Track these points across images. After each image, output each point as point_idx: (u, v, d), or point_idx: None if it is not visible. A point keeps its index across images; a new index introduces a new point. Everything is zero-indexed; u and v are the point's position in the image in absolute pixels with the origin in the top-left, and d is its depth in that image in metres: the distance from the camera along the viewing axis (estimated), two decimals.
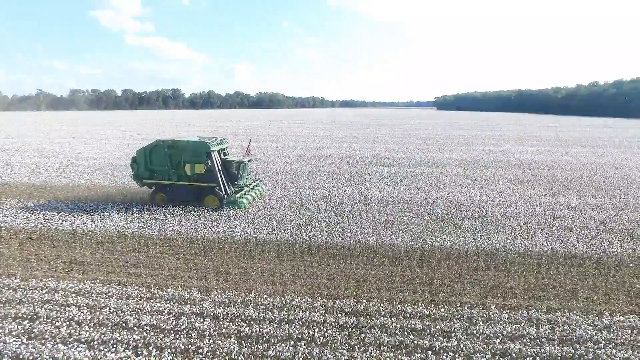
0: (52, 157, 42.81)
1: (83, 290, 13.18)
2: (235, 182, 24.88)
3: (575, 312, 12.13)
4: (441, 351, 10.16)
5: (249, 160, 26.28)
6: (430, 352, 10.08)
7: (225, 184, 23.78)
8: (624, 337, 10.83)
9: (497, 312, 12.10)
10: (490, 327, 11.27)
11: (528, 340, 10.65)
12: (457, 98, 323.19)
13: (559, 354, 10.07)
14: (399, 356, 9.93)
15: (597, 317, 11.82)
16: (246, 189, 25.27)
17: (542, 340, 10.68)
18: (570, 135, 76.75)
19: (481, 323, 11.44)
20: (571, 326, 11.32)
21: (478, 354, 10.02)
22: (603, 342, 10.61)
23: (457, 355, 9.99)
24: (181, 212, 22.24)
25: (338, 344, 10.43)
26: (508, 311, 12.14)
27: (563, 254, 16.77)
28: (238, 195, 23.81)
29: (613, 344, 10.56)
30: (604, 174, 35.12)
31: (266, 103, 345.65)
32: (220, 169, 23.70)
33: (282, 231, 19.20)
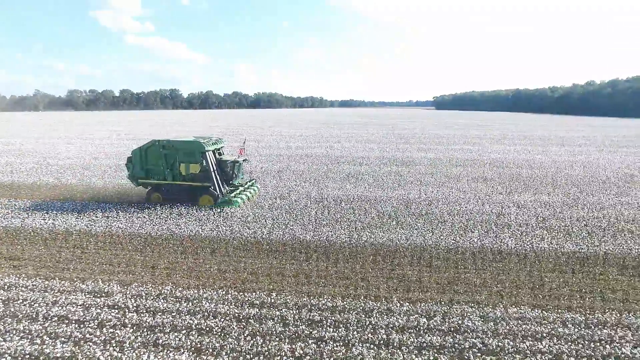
0: (29, 157, 43.40)
1: (8, 284, 13.67)
2: (230, 182, 25.20)
3: (473, 304, 12.56)
4: (329, 341, 10.61)
5: (243, 160, 26.48)
6: (311, 341, 10.55)
7: (220, 183, 24.12)
8: (507, 328, 11.26)
9: (398, 305, 12.54)
10: (384, 318, 11.71)
11: (413, 331, 11.10)
12: (455, 98, 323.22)
13: (437, 343, 10.52)
14: (282, 344, 10.40)
15: (491, 309, 12.25)
16: (241, 188, 25.40)
17: (426, 330, 11.13)
18: (556, 134, 77.02)
19: (377, 315, 11.90)
20: (462, 317, 11.76)
21: (362, 344, 10.47)
22: (485, 332, 11.04)
23: (337, 344, 10.45)
24: (135, 210, 22.74)
25: (231, 333, 10.89)
26: (408, 304, 12.58)
27: (490, 249, 17.19)
28: (232, 194, 24.03)
29: (493, 333, 11.00)
30: (569, 173, 35.47)
31: (264, 103, 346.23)
32: (215, 168, 24.00)
33: (225, 228, 19.68)
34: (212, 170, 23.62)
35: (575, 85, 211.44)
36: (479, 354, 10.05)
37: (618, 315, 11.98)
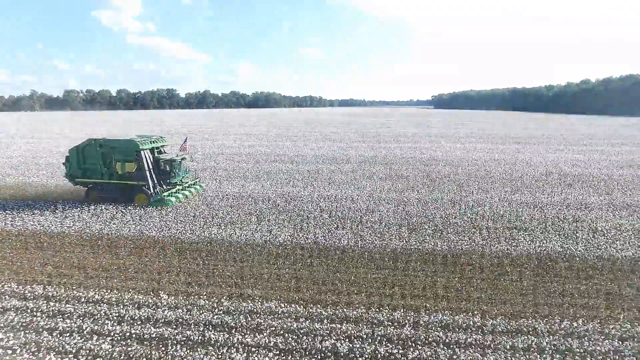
0: None
1: None
2: (168, 181, 24.76)
3: (294, 300, 12.34)
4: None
5: (182, 159, 26.07)
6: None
7: (156, 182, 23.78)
8: (329, 326, 11.04)
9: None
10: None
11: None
12: (453, 97, 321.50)
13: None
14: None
15: (302, 305, 12.06)
16: (179, 187, 25.00)
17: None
18: (529, 133, 76.04)
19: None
20: (274, 312, 11.68)
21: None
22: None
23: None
24: (67, 207, 22.65)
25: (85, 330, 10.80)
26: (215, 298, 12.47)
27: (342, 247, 16.89)
28: (167, 193, 23.63)
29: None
30: (501, 170, 34.84)
31: (262, 102, 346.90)
32: (151, 167, 23.73)
33: (144, 227, 19.45)
34: (146, 169, 23.25)
35: (569, 84, 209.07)
36: None
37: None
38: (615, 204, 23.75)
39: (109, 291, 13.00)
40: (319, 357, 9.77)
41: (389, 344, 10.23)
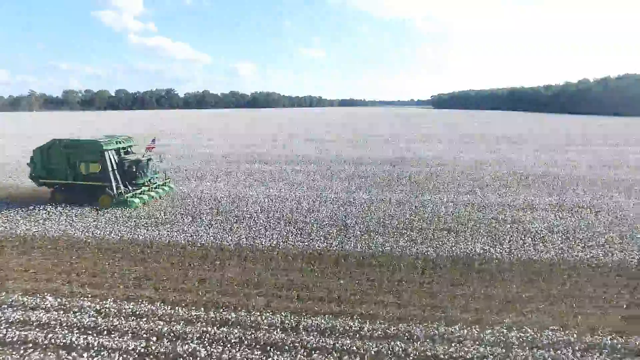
0: None
1: None
2: (134, 182, 24.40)
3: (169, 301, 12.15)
4: None
5: (148, 159, 25.77)
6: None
7: (120, 183, 23.40)
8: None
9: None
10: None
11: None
12: (453, 97, 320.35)
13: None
14: None
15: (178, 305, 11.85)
16: (144, 188, 24.60)
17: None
18: (516, 132, 75.53)
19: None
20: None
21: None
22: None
23: None
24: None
25: None
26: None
27: (262, 249, 16.69)
28: (131, 194, 23.29)
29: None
30: (467, 171, 34.39)
31: (261, 102, 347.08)
32: (115, 168, 23.44)
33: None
34: (110, 169, 22.95)
35: (568, 84, 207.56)
36: None
37: None
38: (563, 205, 23.36)
39: None
40: None
41: (255, 349, 9.97)
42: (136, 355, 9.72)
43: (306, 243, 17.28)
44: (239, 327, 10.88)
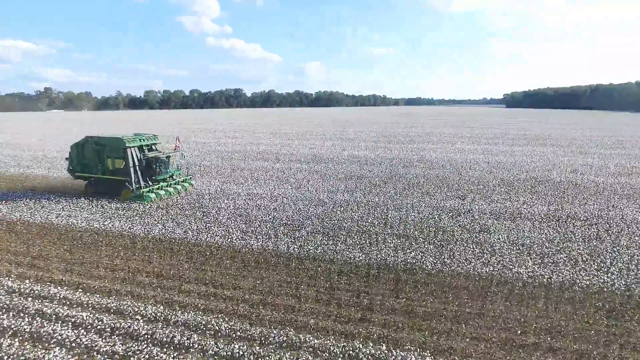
0: (30, 151, 50.65)
1: None
2: (154, 177, 25.81)
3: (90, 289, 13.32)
4: None
5: (167, 157, 26.85)
6: None
7: (139, 178, 24.78)
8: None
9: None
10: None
11: None
12: (527, 95, 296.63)
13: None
14: None
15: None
16: (163, 184, 25.93)
17: None
18: (576, 134, 68.19)
19: None
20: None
21: None
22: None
23: None
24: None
25: None
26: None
27: (206, 244, 17.32)
28: (147, 189, 24.58)
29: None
30: (478, 175, 31.98)
31: (324, 101, 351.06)
32: (136, 164, 24.78)
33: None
34: (130, 165, 24.34)
35: None
36: None
37: None
38: (555, 216, 20.81)
39: None
40: None
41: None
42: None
43: (246, 240, 17.45)
44: (109, 313, 11.48)
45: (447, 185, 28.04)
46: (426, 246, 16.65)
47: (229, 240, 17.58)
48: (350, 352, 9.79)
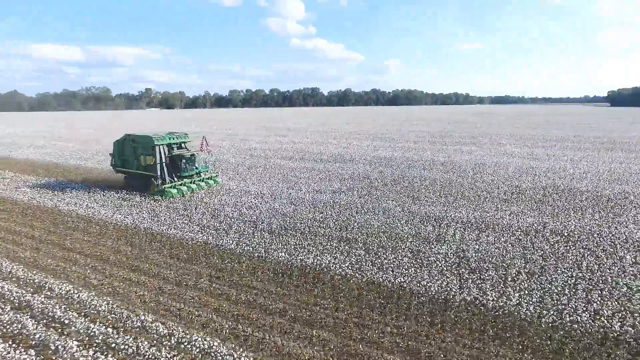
0: (98, 145, 58.37)
1: None
2: (179, 174, 26.95)
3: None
4: None
5: (191, 154, 27.91)
6: None
7: (165, 175, 26.17)
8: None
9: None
10: None
11: None
12: (636, 92, 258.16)
13: None
14: None
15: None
16: (187, 180, 27.02)
17: None
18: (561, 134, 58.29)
19: None
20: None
21: None
22: None
23: None
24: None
25: None
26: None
27: (164, 234, 19.09)
28: (170, 185, 25.71)
29: None
30: (492, 181, 29.46)
31: (402, 100, 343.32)
32: (162, 161, 26.19)
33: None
34: (157, 162, 25.81)
35: None
36: None
37: None
38: (537, 230, 18.58)
39: None
40: None
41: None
42: None
43: (191, 234, 18.55)
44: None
45: (446, 191, 26.37)
46: (359, 252, 16.23)
47: (182, 232, 18.93)
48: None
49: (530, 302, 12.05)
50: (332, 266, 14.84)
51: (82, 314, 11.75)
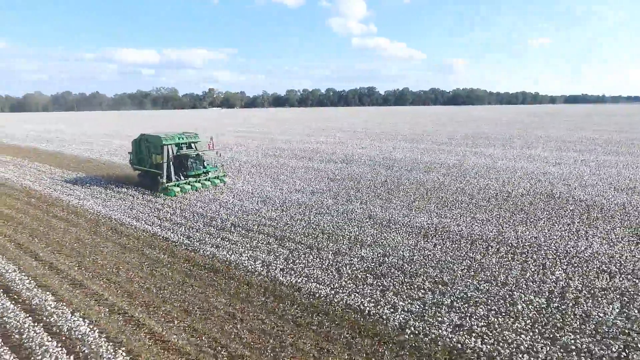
0: None
1: None
2: (185, 173, 27.91)
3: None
4: None
5: (196, 154, 28.92)
6: None
7: (172, 173, 26.97)
8: None
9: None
10: None
11: None
12: None
13: None
14: None
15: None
16: (191, 179, 27.78)
17: None
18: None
19: None
20: None
21: None
22: None
23: None
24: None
25: None
26: None
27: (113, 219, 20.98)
28: (172, 184, 26.46)
29: None
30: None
31: (462, 99, 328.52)
32: (168, 160, 27.01)
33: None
34: (164, 161, 26.70)
35: None
36: None
37: None
38: (489, 237, 17.53)
39: None
40: None
41: None
42: None
43: (150, 229, 20.00)
44: None
45: (428, 194, 25.49)
46: (284, 251, 16.58)
47: (141, 223, 20.55)
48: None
49: (404, 312, 11.72)
50: (246, 263, 15.38)
51: None
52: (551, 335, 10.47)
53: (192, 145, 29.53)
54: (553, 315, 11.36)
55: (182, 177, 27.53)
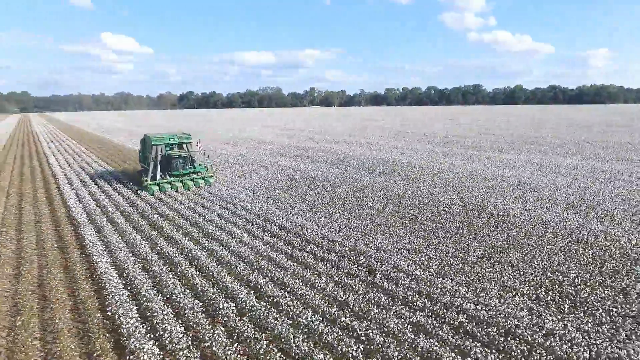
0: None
1: None
2: (170, 172, 29.08)
3: None
4: None
5: (179, 155, 29.71)
6: None
7: (157, 172, 28.06)
8: None
9: None
10: None
11: None
12: None
13: None
14: None
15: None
16: (173, 179, 28.72)
17: None
18: None
19: None
20: None
21: None
22: None
23: None
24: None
25: None
26: None
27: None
28: (152, 183, 27.46)
29: None
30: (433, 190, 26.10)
31: (589, 97, 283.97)
32: (155, 159, 28.06)
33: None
34: (150, 160, 27.89)
35: None
36: None
37: None
38: (356, 249, 17.27)
39: None
40: None
41: None
42: None
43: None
44: None
45: (356, 196, 25.09)
46: (186, 242, 18.32)
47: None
48: None
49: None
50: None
51: None
52: None
53: (184, 145, 30.89)
54: None
55: (167, 176, 28.84)
